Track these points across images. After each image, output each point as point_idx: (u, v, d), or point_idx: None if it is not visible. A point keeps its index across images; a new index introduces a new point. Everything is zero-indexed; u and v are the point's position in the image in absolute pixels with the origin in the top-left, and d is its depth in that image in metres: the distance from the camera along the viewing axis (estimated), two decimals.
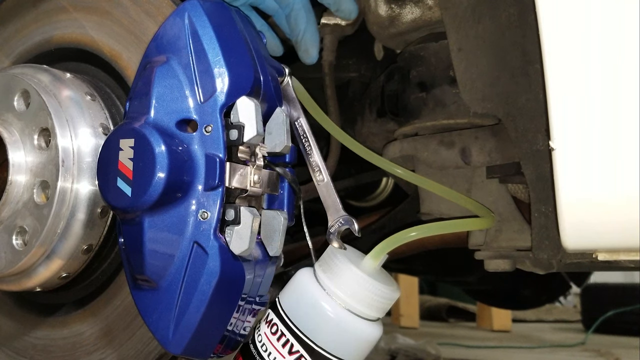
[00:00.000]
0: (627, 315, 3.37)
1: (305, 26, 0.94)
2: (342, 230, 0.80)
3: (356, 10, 0.98)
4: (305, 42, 0.95)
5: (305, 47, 0.95)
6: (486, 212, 0.85)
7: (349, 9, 0.97)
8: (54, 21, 0.96)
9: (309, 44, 0.95)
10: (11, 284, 0.89)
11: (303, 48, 0.95)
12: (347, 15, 0.98)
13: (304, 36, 0.95)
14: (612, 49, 0.62)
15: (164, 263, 0.72)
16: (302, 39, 0.95)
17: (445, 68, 0.93)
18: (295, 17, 0.94)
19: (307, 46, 0.95)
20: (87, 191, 0.84)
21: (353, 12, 0.98)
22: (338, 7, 0.95)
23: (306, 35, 0.95)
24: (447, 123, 0.91)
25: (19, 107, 0.87)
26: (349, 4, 0.97)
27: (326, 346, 0.72)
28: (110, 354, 0.88)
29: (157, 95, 0.74)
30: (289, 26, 0.95)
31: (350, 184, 1.50)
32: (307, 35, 0.95)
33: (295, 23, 0.94)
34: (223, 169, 0.71)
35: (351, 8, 0.97)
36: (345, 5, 0.96)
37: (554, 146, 0.64)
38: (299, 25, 0.94)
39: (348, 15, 0.98)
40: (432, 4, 0.93)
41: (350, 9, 0.97)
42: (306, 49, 0.95)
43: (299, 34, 0.95)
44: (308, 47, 0.95)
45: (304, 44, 0.95)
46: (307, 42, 0.95)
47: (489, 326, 3.60)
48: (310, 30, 0.95)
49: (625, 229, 0.64)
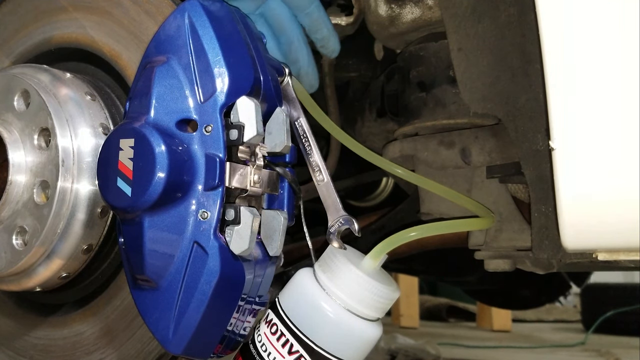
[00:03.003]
0: (627, 315, 3.37)
1: (307, 61, 0.94)
2: (342, 230, 0.80)
3: (338, 50, 0.99)
4: (308, 77, 0.95)
5: (309, 81, 0.96)
6: (486, 212, 0.85)
7: (333, 48, 0.98)
8: (54, 21, 0.96)
9: (312, 78, 0.96)
10: (11, 284, 0.89)
11: (306, 82, 0.95)
12: (330, 53, 0.99)
13: (308, 72, 0.95)
14: (612, 49, 0.62)
15: (164, 263, 0.72)
16: (306, 74, 0.95)
17: (445, 68, 0.93)
18: (296, 52, 0.93)
19: (311, 80, 0.96)
20: (87, 191, 0.84)
21: (335, 52, 0.99)
22: (324, 44, 0.95)
23: (309, 70, 0.95)
24: (447, 123, 0.91)
25: (19, 107, 0.87)
26: (335, 44, 0.97)
27: (326, 346, 0.72)
28: (110, 354, 0.88)
29: (157, 95, 0.74)
30: (287, 58, 0.95)
31: (350, 184, 1.50)
32: (310, 70, 0.95)
33: (297, 58, 0.94)
34: (223, 168, 0.71)
35: (335, 47, 0.98)
36: (332, 44, 0.96)
37: (554, 146, 0.64)
38: (300, 60, 0.94)
39: (331, 54, 0.99)
40: (432, 4, 0.93)
41: (335, 48, 0.98)
42: (309, 83, 0.96)
43: (300, 69, 0.95)
44: (311, 82, 0.96)
45: (307, 79, 0.95)
46: (310, 76, 0.96)
47: (489, 326, 3.60)
48: (312, 65, 0.95)
49: (625, 228, 0.64)
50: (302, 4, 0.90)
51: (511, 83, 0.74)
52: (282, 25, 0.91)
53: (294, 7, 0.90)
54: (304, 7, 0.90)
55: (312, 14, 0.91)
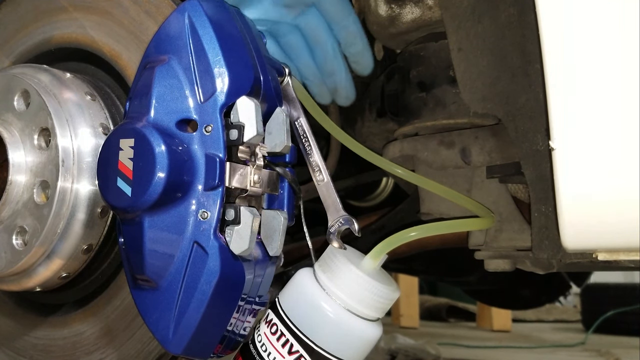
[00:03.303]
0: (627, 315, 3.37)
1: (345, 74, 0.92)
2: (342, 230, 0.80)
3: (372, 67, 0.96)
4: (346, 90, 0.94)
5: (346, 94, 0.94)
6: (486, 212, 0.85)
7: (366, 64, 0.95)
8: (54, 21, 0.96)
9: (350, 91, 0.94)
10: (11, 284, 0.89)
11: (343, 95, 0.94)
12: (362, 70, 0.96)
13: (346, 85, 0.93)
14: (612, 49, 0.62)
15: (164, 263, 0.72)
16: (344, 87, 0.93)
17: (445, 68, 0.93)
18: (332, 64, 0.91)
19: (348, 93, 0.94)
20: (87, 191, 0.84)
21: (369, 68, 0.96)
22: (358, 59, 0.93)
23: (347, 83, 0.93)
24: (447, 123, 0.91)
25: (19, 107, 0.87)
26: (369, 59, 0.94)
27: (326, 346, 0.72)
28: (110, 353, 0.88)
29: (157, 95, 0.74)
30: (323, 71, 0.93)
31: (350, 184, 1.50)
32: (347, 83, 0.93)
33: (333, 70, 0.92)
34: (223, 168, 0.71)
35: (369, 63, 0.95)
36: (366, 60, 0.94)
37: (554, 146, 0.64)
38: (337, 73, 0.92)
39: (363, 71, 0.96)
40: (432, 4, 0.93)
41: (369, 64, 0.95)
42: (347, 95, 0.95)
43: (337, 83, 0.93)
44: (349, 94, 0.95)
45: (344, 92, 0.94)
46: (347, 89, 0.94)
47: (489, 326, 3.60)
48: (349, 77, 0.93)
49: (625, 228, 0.64)
50: (340, 16, 0.88)
51: (511, 83, 0.74)
52: (318, 36, 0.89)
53: (331, 20, 0.89)
54: (341, 20, 0.89)
55: (349, 27, 0.90)
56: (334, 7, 0.88)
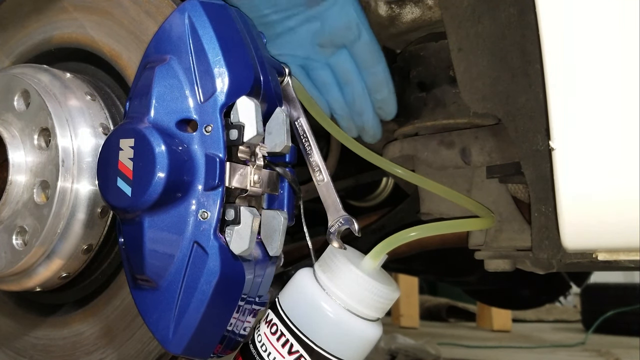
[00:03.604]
0: (627, 315, 3.37)
1: (372, 114, 0.92)
2: (342, 230, 0.80)
3: (395, 113, 0.95)
4: (373, 130, 0.93)
5: (373, 134, 0.94)
6: (486, 212, 0.85)
7: (390, 111, 0.94)
8: (54, 21, 0.96)
9: (377, 131, 0.94)
10: (11, 284, 0.89)
11: (369, 134, 0.94)
12: (386, 116, 0.95)
13: (373, 125, 0.93)
14: (612, 49, 0.62)
15: (164, 263, 0.72)
16: (371, 127, 0.93)
17: (445, 68, 0.93)
18: (361, 104, 0.91)
19: (375, 133, 0.94)
20: (87, 191, 0.84)
21: (392, 115, 0.95)
22: (382, 105, 0.93)
23: (374, 123, 0.93)
24: (447, 123, 0.91)
25: (19, 107, 0.87)
26: (393, 107, 0.94)
27: (326, 346, 0.72)
28: (110, 353, 0.88)
29: (157, 95, 0.74)
30: (352, 110, 0.93)
31: (350, 184, 1.50)
32: (375, 123, 0.93)
33: (362, 111, 0.92)
34: (223, 168, 0.71)
35: (393, 110, 0.94)
36: (390, 107, 0.93)
37: (554, 146, 0.64)
38: (365, 113, 0.92)
39: (386, 117, 0.95)
40: (432, 4, 0.93)
41: (392, 111, 0.94)
42: (373, 135, 0.95)
43: (364, 123, 0.93)
44: (375, 134, 0.95)
45: (371, 132, 0.94)
46: (374, 129, 0.94)
47: (489, 326, 3.60)
48: (376, 118, 0.93)
49: (625, 228, 0.64)
50: (370, 63, 0.89)
51: (511, 83, 0.74)
52: (349, 77, 0.90)
53: (360, 64, 0.90)
54: (370, 66, 0.89)
55: (377, 74, 0.90)
56: (365, 53, 0.89)
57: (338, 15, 0.86)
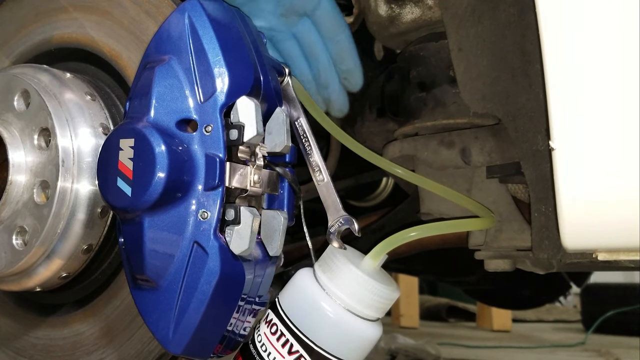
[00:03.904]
0: (627, 315, 3.37)
1: (338, 86, 0.92)
2: (342, 230, 0.80)
3: (361, 85, 0.95)
4: (339, 102, 0.93)
5: (339, 106, 0.94)
6: (486, 212, 0.85)
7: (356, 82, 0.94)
8: (54, 21, 0.96)
9: (342, 103, 0.94)
10: (11, 283, 0.89)
11: (336, 107, 0.94)
12: (352, 87, 0.95)
13: (338, 97, 0.92)
14: (612, 49, 0.62)
15: (164, 263, 0.72)
16: (336, 99, 0.92)
17: (445, 68, 0.93)
18: (326, 77, 0.91)
19: (341, 105, 0.94)
20: (87, 191, 0.84)
21: (358, 86, 0.94)
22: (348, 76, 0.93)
23: (340, 95, 0.92)
24: (447, 123, 0.91)
25: (19, 107, 0.87)
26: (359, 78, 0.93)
27: (326, 346, 0.72)
28: (110, 353, 0.88)
29: (157, 95, 0.74)
30: (317, 82, 0.92)
31: (350, 184, 1.50)
32: (340, 96, 0.92)
33: (327, 83, 0.91)
34: (223, 168, 0.71)
35: (359, 82, 0.94)
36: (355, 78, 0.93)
37: (554, 146, 0.64)
38: (330, 85, 0.91)
39: (353, 88, 0.95)
40: (432, 4, 0.93)
41: (358, 82, 0.94)
42: (339, 108, 0.94)
43: (330, 95, 0.92)
44: (341, 107, 0.94)
45: (337, 104, 0.93)
46: (340, 102, 0.93)
47: (489, 326, 3.61)
48: (342, 90, 0.93)
49: (625, 229, 0.64)
50: (333, 32, 0.88)
51: (511, 83, 0.74)
52: (313, 48, 0.89)
53: (324, 33, 0.89)
54: (334, 35, 0.89)
55: (340, 43, 0.89)
56: (326, 20, 0.88)
57: None
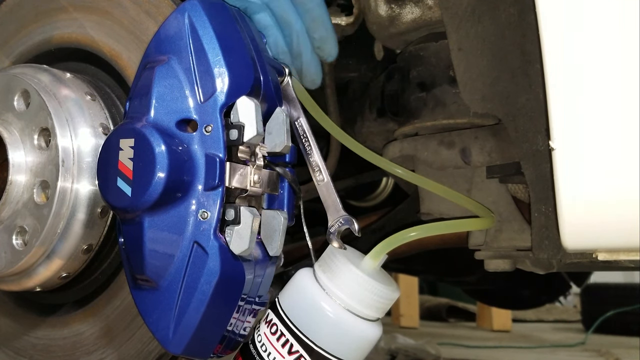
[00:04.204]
0: (627, 315, 3.37)
1: (310, 55, 0.91)
2: (342, 230, 0.80)
3: (335, 54, 0.94)
4: (311, 72, 0.92)
5: (311, 76, 0.93)
6: (486, 212, 0.85)
7: (329, 51, 0.92)
8: (54, 21, 0.96)
9: (315, 73, 0.92)
10: (11, 283, 0.89)
11: (308, 77, 0.93)
12: (326, 57, 0.94)
13: (310, 66, 0.91)
14: (612, 49, 0.62)
15: (164, 263, 0.72)
16: (308, 68, 0.91)
17: (445, 68, 0.93)
18: (298, 46, 0.89)
19: (313, 75, 0.93)
20: (87, 191, 0.84)
21: (332, 56, 0.93)
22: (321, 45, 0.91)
23: (312, 64, 0.91)
24: (447, 123, 0.91)
25: (19, 107, 0.87)
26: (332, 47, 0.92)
27: (326, 346, 0.72)
28: (110, 353, 0.88)
29: (157, 95, 0.74)
30: (291, 51, 0.91)
31: (350, 184, 1.50)
32: (312, 65, 0.91)
33: (300, 52, 0.90)
34: (223, 168, 0.71)
35: (332, 51, 0.93)
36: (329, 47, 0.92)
37: (554, 146, 0.64)
38: (303, 54, 0.90)
39: (327, 57, 0.94)
40: (432, 4, 0.93)
41: (332, 52, 0.92)
42: (312, 78, 0.93)
43: (303, 64, 0.91)
44: (313, 77, 0.93)
45: (309, 74, 0.92)
46: (312, 71, 0.92)
47: (489, 326, 3.61)
48: (314, 59, 0.91)
49: (625, 228, 0.64)
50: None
51: (511, 83, 0.74)
52: (286, 17, 0.89)
53: (296, 2, 0.88)
54: (304, 3, 0.88)
55: (312, 11, 0.89)
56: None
57: None
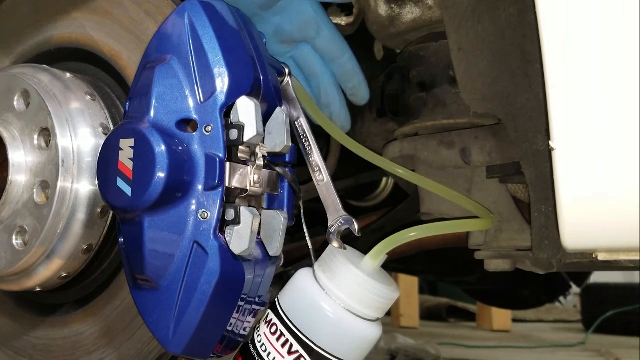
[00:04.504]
0: (627, 315, 3.37)
1: (340, 106, 0.93)
2: (342, 230, 0.80)
3: (367, 98, 0.97)
4: (341, 120, 0.94)
5: (341, 124, 0.95)
6: (486, 212, 0.85)
7: (362, 97, 0.96)
8: (53, 21, 0.96)
9: (345, 121, 0.94)
10: (11, 283, 0.89)
11: (339, 125, 0.95)
12: (359, 102, 0.97)
13: (340, 116, 0.93)
14: (612, 49, 0.62)
15: (164, 263, 0.72)
16: (338, 118, 0.93)
17: (445, 68, 0.93)
18: (327, 97, 0.92)
19: (343, 123, 0.95)
20: (87, 191, 0.84)
21: (365, 100, 0.97)
22: (354, 92, 0.94)
23: (342, 114, 0.93)
24: (447, 123, 0.91)
25: (19, 107, 0.87)
26: (365, 92, 0.96)
27: (325, 346, 0.72)
28: (110, 353, 0.88)
29: (157, 95, 0.74)
30: (319, 102, 0.93)
31: (350, 184, 1.50)
32: (342, 115, 0.93)
33: (328, 103, 0.92)
34: (223, 168, 0.71)
35: (365, 96, 0.97)
36: (362, 93, 0.95)
37: (554, 146, 0.64)
38: (332, 105, 0.92)
39: (360, 102, 0.97)
40: (432, 4, 0.93)
41: (365, 96, 0.97)
42: (342, 125, 0.95)
43: (332, 114, 0.93)
44: (344, 124, 0.95)
45: (339, 122, 0.94)
46: (342, 120, 0.94)
47: (489, 326, 3.60)
48: (344, 109, 0.94)
49: (625, 228, 0.64)
50: (335, 54, 0.89)
51: (511, 83, 0.74)
52: (313, 70, 0.90)
53: (325, 56, 0.90)
54: (337, 58, 0.89)
55: (345, 65, 0.90)
56: (328, 46, 0.89)
57: (295, 13, 0.86)
